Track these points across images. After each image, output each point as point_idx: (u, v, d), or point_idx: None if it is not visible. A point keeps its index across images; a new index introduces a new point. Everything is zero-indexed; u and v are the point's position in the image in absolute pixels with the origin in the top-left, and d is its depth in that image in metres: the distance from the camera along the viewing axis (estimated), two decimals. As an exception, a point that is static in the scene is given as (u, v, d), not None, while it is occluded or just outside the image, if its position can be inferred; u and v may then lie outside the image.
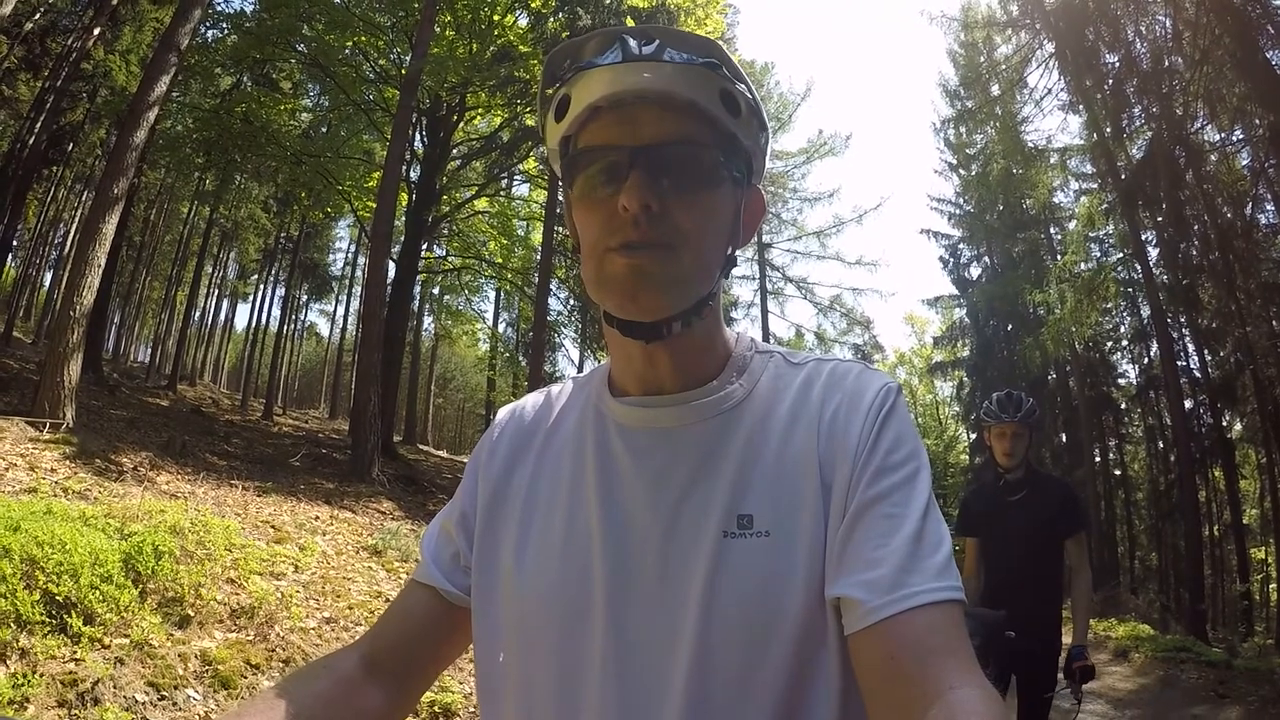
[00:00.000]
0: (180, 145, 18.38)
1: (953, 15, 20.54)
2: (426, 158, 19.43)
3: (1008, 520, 3.79)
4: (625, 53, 0.80)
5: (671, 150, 0.80)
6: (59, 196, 28.50)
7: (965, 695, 0.65)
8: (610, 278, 0.81)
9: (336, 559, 6.94)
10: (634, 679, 0.79)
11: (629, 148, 0.80)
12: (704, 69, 0.80)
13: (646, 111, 0.80)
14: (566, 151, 0.87)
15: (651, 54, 0.79)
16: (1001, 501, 3.86)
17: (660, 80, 0.79)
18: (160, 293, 36.06)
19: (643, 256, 0.79)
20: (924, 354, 41.29)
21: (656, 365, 0.88)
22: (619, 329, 0.84)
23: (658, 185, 0.79)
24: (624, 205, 0.78)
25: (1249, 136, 12.59)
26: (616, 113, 0.81)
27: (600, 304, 0.85)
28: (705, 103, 0.81)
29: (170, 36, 11.13)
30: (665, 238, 0.80)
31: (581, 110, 0.81)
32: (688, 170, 0.81)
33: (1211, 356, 18.05)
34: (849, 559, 0.76)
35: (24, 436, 7.87)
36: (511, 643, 0.87)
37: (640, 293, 0.80)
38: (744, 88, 0.85)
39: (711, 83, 0.81)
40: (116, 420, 12.22)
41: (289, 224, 31.26)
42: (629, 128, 0.81)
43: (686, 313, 0.83)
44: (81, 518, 4.87)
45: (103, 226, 9.87)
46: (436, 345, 38.98)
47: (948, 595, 0.72)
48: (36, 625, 3.57)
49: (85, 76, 21.21)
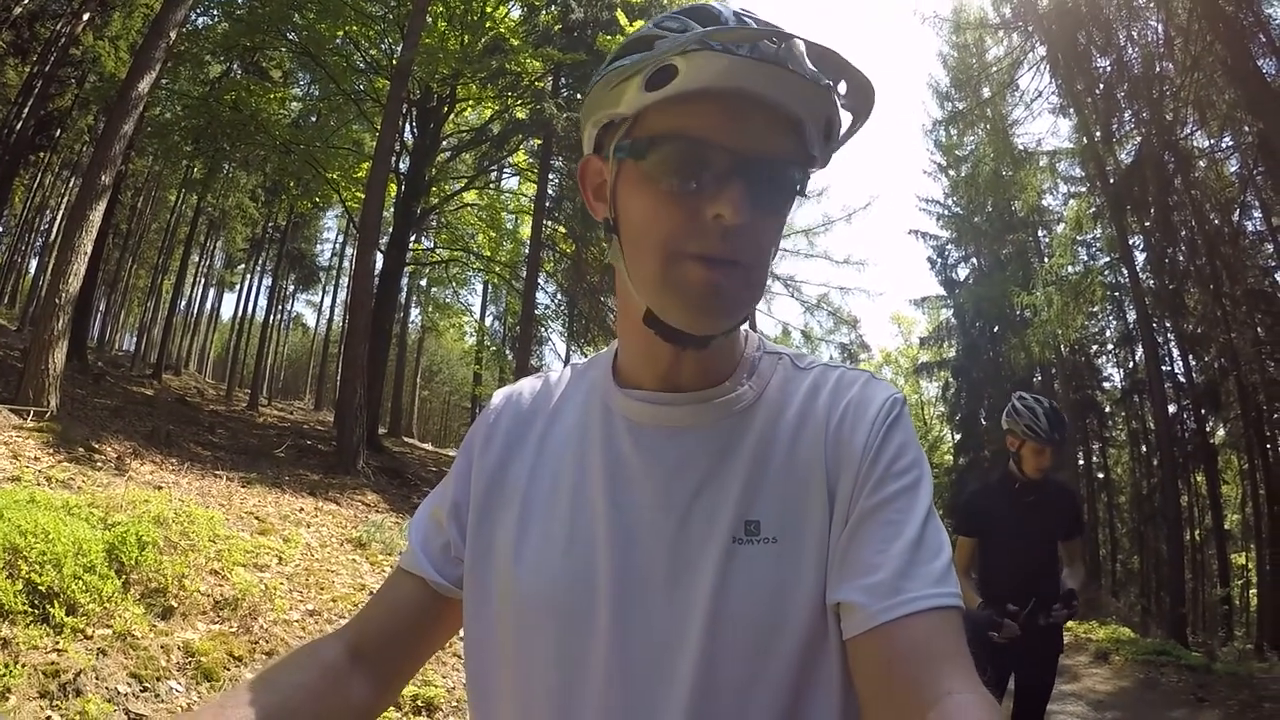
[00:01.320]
0: (169, 133, 18.21)
1: (945, 16, 20.63)
2: (416, 149, 19.31)
3: (1019, 523, 3.78)
4: (755, 49, 0.74)
5: (772, 168, 0.77)
6: (46, 183, 28.33)
7: (962, 700, 0.65)
8: (683, 287, 0.77)
9: (321, 551, 6.91)
10: (637, 683, 0.78)
11: (733, 151, 0.75)
12: (824, 92, 0.77)
13: (757, 117, 0.76)
14: (639, 122, 0.81)
15: (780, 56, 0.74)
16: (1015, 504, 3.84)
17: (779, 89, 0.75)
18: (146, 281, 35.80)
19: (722, 275, 0.76)
20: (910, 354, 41.41)
21: (682, 365, 0.86)
22: (661, 333, 0.81)
23: (752, 201, 0.76)
24: (720, 214, 0.74)
25: (1238, 143, 12.71)
26: (721, 105, 0.76)
27: (655, 307, 0.81)
28: (810, 125, 0.79)
29: (160, 23, 11.04)
30: (746, 256, 0.77)
31: (688, 90, 0.75)
32: (777, 190, 0.79)
33: (1196, 362, 18.18)
34: (850, 564, 0.76)
35: (7, 424, 7.80)
36: (507, 640, 0.86)
37: (712, 312, 0.78)
38: (847, 116, 0.82)
39: (824, 107, 0.78)
40: (101, 409, 12.13)
41: (277, 214, 31.05)
42: (734, 127, 0.76)
43: (733, 327, 0.83)
44: (65, 507, 4.84)
45: (89, 213, 9.79)
46: (423, 338, 38.92)
47: (947, 601, 0.72)
48: (19, 615, 3.54)
49: (74, 62, 21.05)
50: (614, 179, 0.84)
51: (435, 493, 1.01)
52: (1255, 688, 8.01)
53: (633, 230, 0.81)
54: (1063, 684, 8.93)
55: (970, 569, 3.90)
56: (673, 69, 0.74)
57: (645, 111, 0.79)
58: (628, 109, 0.80)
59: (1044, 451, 3.75)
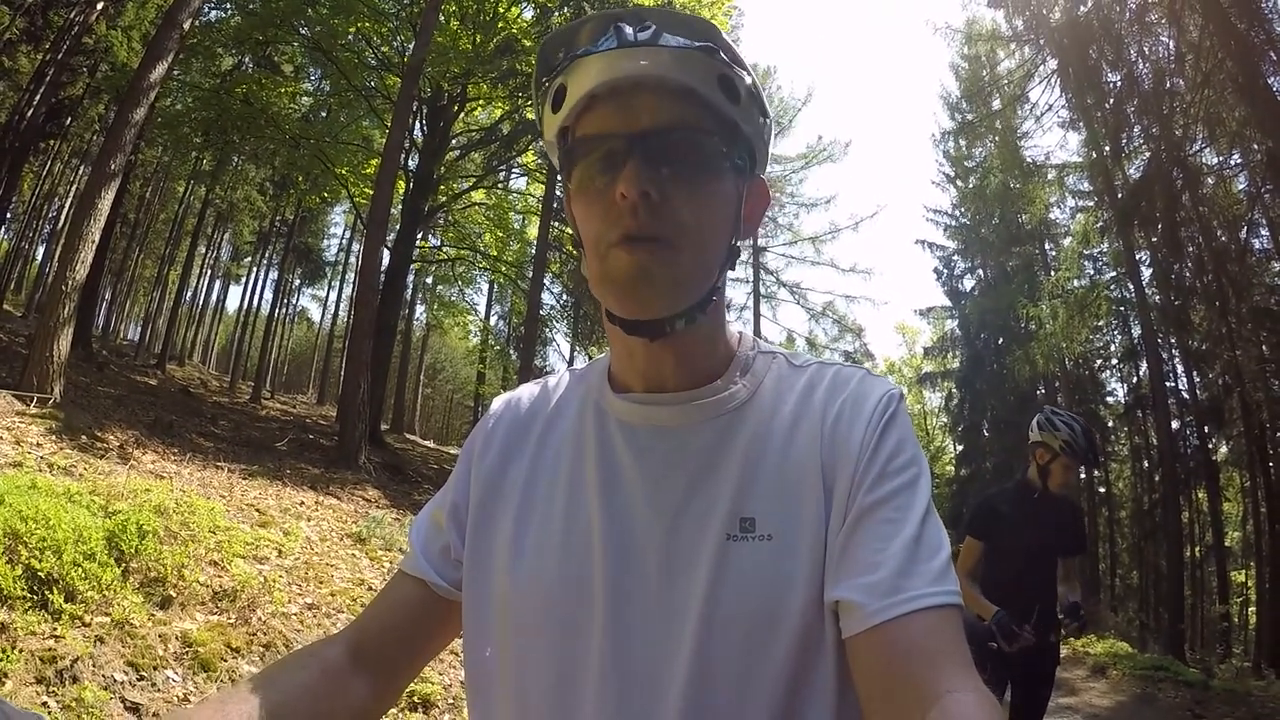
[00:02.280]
0: (179, 124, 18.26)
1: (957, 27, 20.55)
2: (425, 147, 19.33)
3: (1029, 533, 3.78)
4: (620, 38, 0.78)
5: (670, 137, 0.78)
6: (55, 170, 28.40)
7: (962, 699, 0.65)
8: (612, 275, 0.79)
9: (320, 545, 6.92)
10: (633, 680, 0.79)
11: (626, 134, 0.78)
12: (700, 54, 0.78)
13: (644, 98, 0.78)
14: (565, 143, 0.85)
15: (647, 39, 0.78)
16: (1027, 512, 3.85)
17: (657, 66, 0.77)
18: (153, 271, 35.88)
19: (643, 253, 0.77)
20: (914, 364, 41.43)
21: (660, 363, 0.87)
22: (621, 327, 0.83)
23: (657, 173, 0.77)
24: (622, 193, 0.76)
25: (1247, 161, 12.68)
26: (614, 100, 0.79)
27: (601, 300, 0.83)
28: (703, 89, 0.79)
29: (174, 15, 11.07)
30: (666, 231, 0.78)
31: (578, 100, 0.80)
32: (688, 158, 0.79)
33: (1200, 378, 18.14)
34: (848, 563, 0.76)
35: (10, 410, 7.82)
36: (505, 640, 0.86)
37: (641, 291, 0.79)
38: (743, 72, 0.83)
39: (710, 68, 0.79)
40: (104, 397, 12.16)
41: (285, 207, 31.10)
42: (627, 115, 0.79)
43: (690, 310, 0.82)
44: (66, 494, 4.85)
45: (98, 202, 9.82)
46: (428, 335, 39.04)
47: (946, 600, 0.72)
48: (17, 600, 3.55)
49: (86, 51, 21.07)
50: (568, 200, 0.87)
51: (436, 497, 1.01)
52: (1252, 705, 8.01)
53: (583, 238, 0.84)
54: (1060, 697, 8.91)
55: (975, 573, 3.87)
56: (563, 87, 0.82)
57: (563, 133, 0.86)
58: (550, 134, 0.87)
59: (1072, 468, 3.82)
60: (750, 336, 0.95)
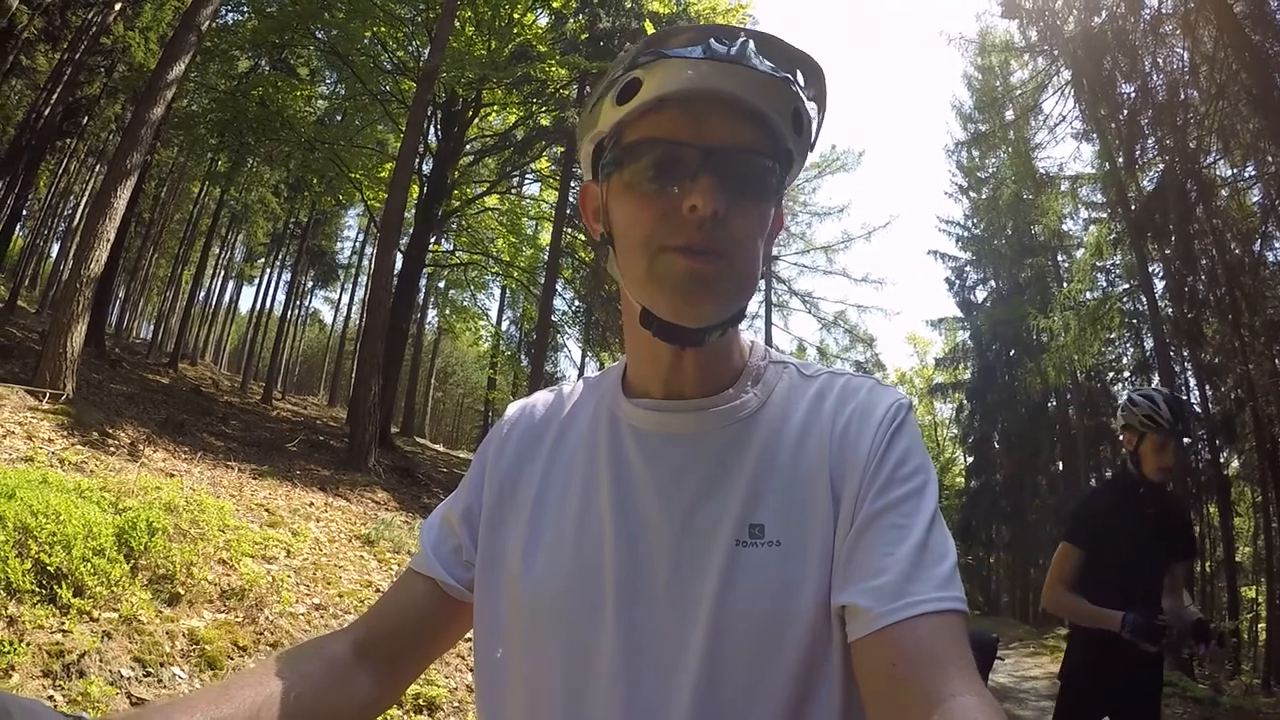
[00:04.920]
0: (195, 124, 18.40)
1: (970, 38, 20.52)
2: (440, 152, 19.39)
3: (1140, 538, 3.29)
4: (707, 50, 0.78)
5: (740, 157, 0.80)
6: (71, 169, 28.59)
7: (966, 703, 0.65)
8: (666, 278, 0.80)
9: (329, 546, 6.94)
10: (643, 683, 0.80)
11: (700, 146, 0.79)
12: (782, 83, 0.80)
13: (715, 112, 0.79)
14: (618, 138, 0.85)
15: (735, 54, 0.78)
16: (1130, 511, 3.34)
17: (736, 84, 0.78)
18: (166, 270, 36.11)
19: (704, 262, 0.79)
20: (925, 374, 41.33)
21: (683, 369, 0.88)
22: (658, 331, 0.84)
23: (725, 191, 0.78)
24: (694, 205, 0.77)
25: (1261, 173, 12.62)
26: (684, 107, 0.80)
27: (646, 303, 0.84)
28: (774, 116, 0.81)
29: (191, 17, 11.16)
30: (725, 245, 0.79)
31: (650, 99, 0.80)
32: (749, 179, 0.81)
33: (1212, 392, 18.02)
34: (855, 567, 0.76)
35: (23, 405, 7.87)
36: (516, 642, 0.87)
37: (698, 299, 0.80)
38: (813, 107, 0.85)
39: (786, 99, 0.81)
40: (116, 395, 12.23)
41: (299, 210, 31.26)
42: (697, 126, 0.79)
43: (727, 322, 0.84)
44: (77, 489, 4.89)
45: (114, 200, 9.89)
46: (439, 339, 39.05)
47: (951, 605, 0.73)
48: (26, 594, 3.58)
49: (104, 51, 21.24)
50: (604, 195, 0.87)
51: (448, 499, 1.03)
52: (1261, 723, 7.94)
53: (622, 235, 0.85)
54: (1065, 711, 8.85)
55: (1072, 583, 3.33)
56: (636, 81, 0.81)
57: (621, 126, 0.84)
58: (605, 125, 0.85)
59: (1166, 446, 3.34)
60: (762, 346, 0.96)
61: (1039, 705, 9.14)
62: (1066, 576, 3.32)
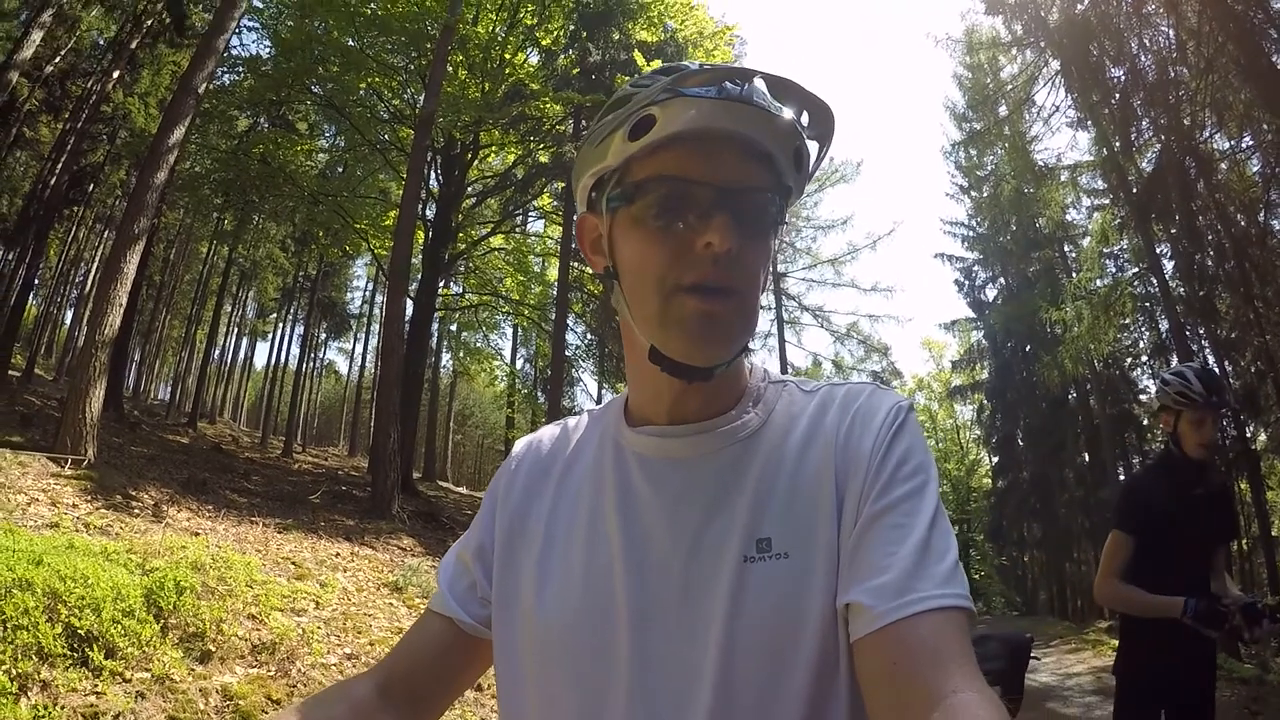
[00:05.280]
0: (199, 186, 18.61)
1: (957, 37, 20.57)
2: (442, 196, 19.53)
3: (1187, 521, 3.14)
4: (722, 90, 0.80)
5: (751, 197, 0.82)
6: (80, 236, 28.89)
7: (967, 699, 0.66)
8: (680, 321, 0.82)
9: (358, 595, 6.94)
10: (658, 705, 0.80)
11: (715, 186, 0.81)
12: (789, 124, 0.82)
13: (731, 153, 0.82)
14: (625, 173, 0.87)
15: (745, 95, 0.80)
16: (1183, 496, 3.18)
17: (748, 125, 0.80)
18: (180, 331, 36.42)
19: (716, 304, 0.81)
20: (942, 378, 41.12)
21: (688, 399, 0.90)
22: (667, 369, 0.85)
23: (736, 229, 0.80)
24: (710, 243, 0.79)
25: (1258, 142, 12.55)
26: (698, 146, 0.81)
27: (657, 343, 0.85)
28: (780, 156, 0.83)
29: (188, 80, 11.31)
30: (738, 283, 0.82)
31: (664, 136, 0.81)
32: (758, 218, 0.83)
33: (1232, 367, 17.82)
34: (857, 566, 0.77)
35: (46, 472, 7.93)
36: (534, 674, 0.88)
37: (712, 339, 0.82)
38: (814, 145, 0.88)
39: (791, 139, 0.84)
40: (138, 457, 12.31)
41: (307, 263, 31.53)
42: (711, 165, 0.81)
43: (735, 357, 0.86)
44: (103, 552, 4.92)
45: (124, 265, 10.00)
46: (455, 382, 39.12)
47: (953, 602, 0.73)
48: (58, 658, 3.60)
49: (105, 118, 21.53)
50: (609, 229, 0.89)
51: (463, 538, 1.04)
52: (1310, 700, 7.79)
53: (630, 272, 0.86)
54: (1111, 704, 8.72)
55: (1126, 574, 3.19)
56: (650, 118, 0.81)
57: (630, 161, 0.85)
58: (615, 160, 0.86)
59: (1204, 421, 3.19)
60: (760, 368, 0.98)
61: (1083, 701, 9.00)
62: (1119, 567, 3.19)
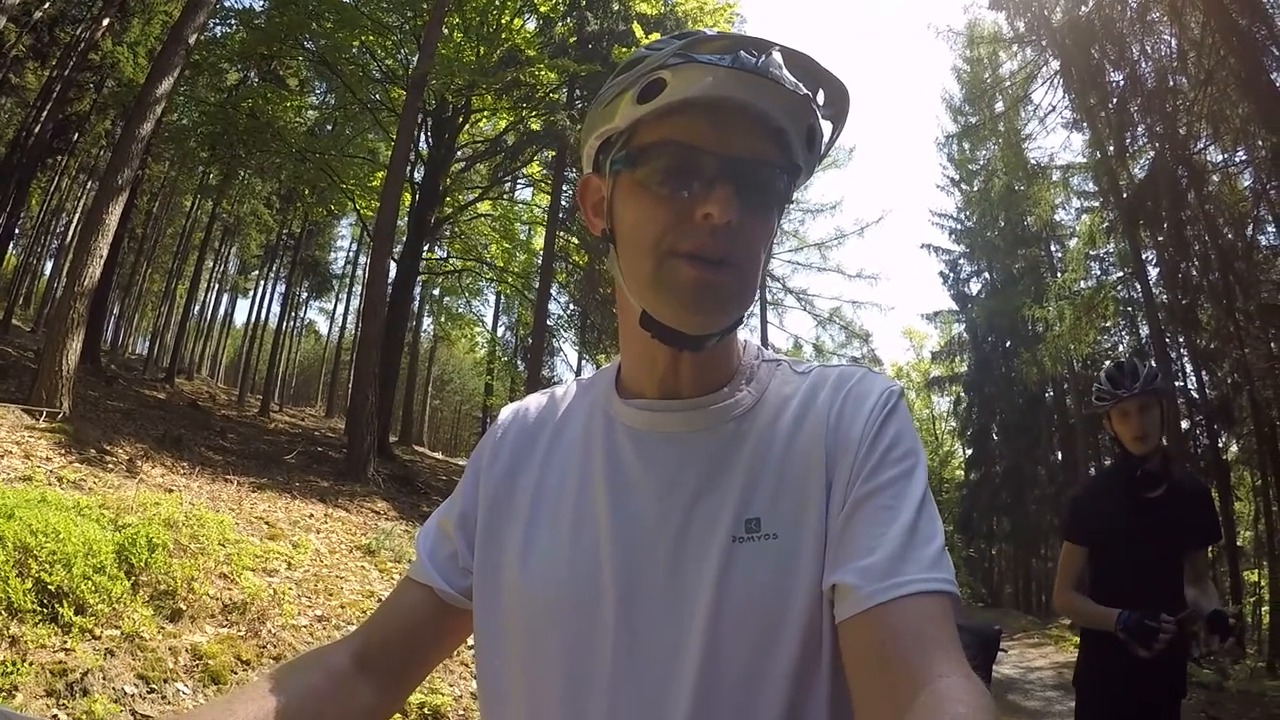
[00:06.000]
0: (185, 138, 18.39)
1: (958, 30, 20.58)
2: (431, 159, 19.37)
3: (1142, 526, 3.00)
4: (737, 59, 0.78)
5: (756, 169, 0.81)
6: (62, 186, 28.55)
7: (953, 684, 0.66)
8: (673, 285, 0.81)
9: (330, 557, 6.93)
10: (644, 681, 0.80)
11: (721, 156, 0.79)
12: (804, 100, 0.81)
13: (738, 122, 0.80)
14: (632, 135, 0.85)
15: (762, 67, 0.78)
16: (1136, 499, 3.04)
17: (761, 97, 0.78)
18: (160, 285, 36.07)
19: (713, 273, 0.79)
20: (922, 368, 41.41)
21: (679, 370, 0.89)
22: (657, 334, 0.84)
23: (739, 201, 0.79)
24: (709, 214, 0.78)
25: (1252, 158, 12.64)
26: (709, 115, 0.80)
27: (649, 307, 0.84)
28: (792, 134, 0.82)
29: (179, 31, 11.13)
30: (736, 256, 0.80)
31: (675, 101, 0.79)
32: (763, 193, 0.82)
33: (1209, 377, 18.06)
34: (844, 548, 0.77)
35: (20, 424, 7.85)
36: (516, 645, 0.87)
37: (704, 309, 0.81)
38: (828, 125, 0.86)
39: (805, 116, 0.82)
40: (113, 411, 12.20)
41: (291, 221, 31.22)
42: (720, 135, 0.80)
43: (727, 330, 0.85)
44: (76, 507, 4.88)
45: (106, 217, 9.87)
46: (435, 347, 38.98)
47: (940, 586, 0.73)
48: (27, 614, 3.57)
49: (93, 67, 21.19)
50: (610, 191, 0.87)
51: (443, 506, 1.02)
52: (1267, 706, 7.96)
53: (627, 235, 0.85)
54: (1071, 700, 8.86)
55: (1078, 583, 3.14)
56: (661, 82, 0.80)
57: (638, 124, 0.84)
58: (622, 122, 0.84)
59: (1128, 413, 3.06)
60: (755, 345, 0.97)
61: (1044, 696, 9.16)
62: (1073, 577, 3.14)
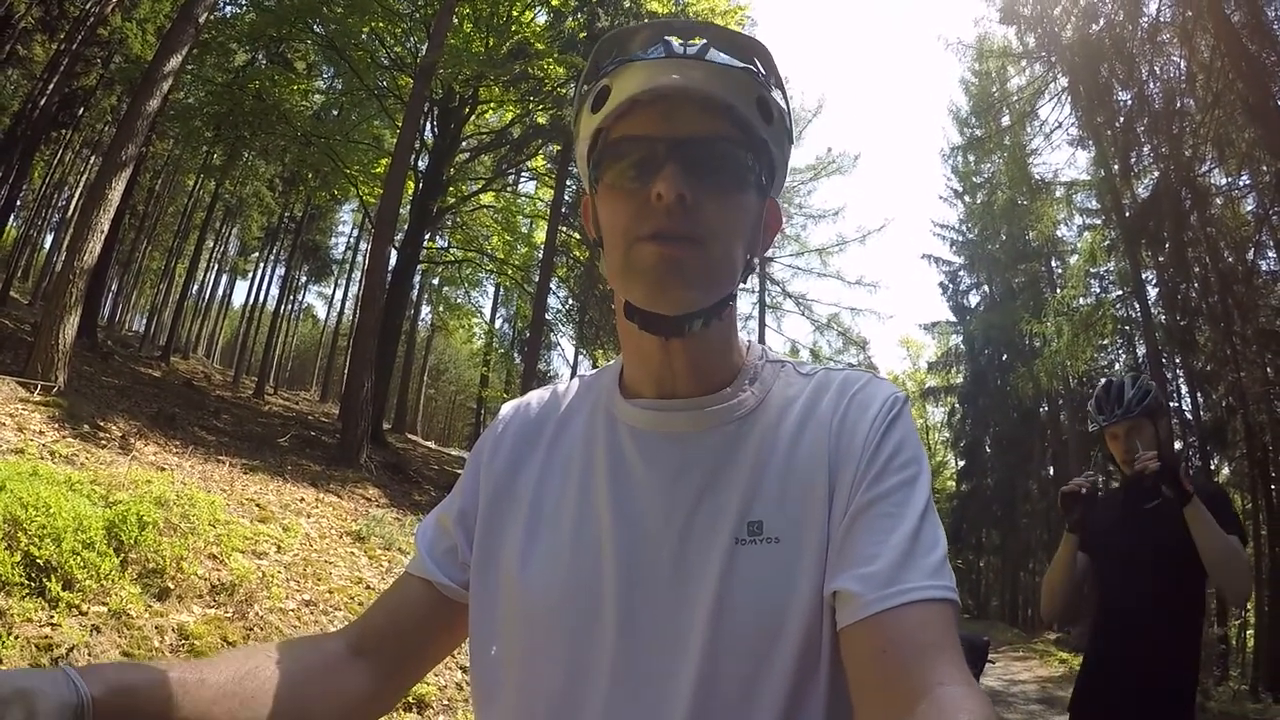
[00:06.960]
0: (191, 117, 18.31)
1: (968, 43, 20.61)
2: (435, 148, 19.35)
3: (1139, 534, 2.90)
4: (669, 50, 0.81)
5: (708, 146, 0.81)
6: (66, 160, 28.43)
7: (954, 692, 0.66)
8: (639, 267, 0.81)
9: (319, 542, 6.92)
10: (642, 682, 0.80)
11: (667, 139, 0.80)
12: (743, 74, 0.82)
13: (686, 108, 0.81)
14: (598, 144, 0.87)
15: (695, 53, 0.81)
16: (1131, 511, 2.96)
17: (701, 80, 0.80)
18: (160, 263, 36.01)
19: (673, 247, 0.80)
20: (918, 378, 41.35)
21: (673, 365, 0.88)
22: (640, 322, 0.84)
23: (692, 179, 0.79)
24: (659, 193, 0.78)
25: (1256, 182, 12.69)
26: (655, 107, 0.81)
27: (625, 294, 0.85)
28: (742, 106, 0.82)
29: (189, 9, 11.12)
30: (695, 231, 0.80)
31: (620, 103, 0.82)
32: (721, 168, 0.82)
33: (1204, 399, 18.08)
34: (847, 554, 0.77)
35: (14, 396, 7.84)
36: (514, 643, 0.87)
37: (669, 281, 0.80)
38: (779, 95, 0.86)
39: (750, 88, 0.83)
40: (108, 387, 12.18)
41: (293, 204, 31.21)
42: (668, 122, 0.81)
43: (708, 311, 0.84)
44: (67, 482, 4.87)
45: (108, 192, 9.85)
46: (432, 336, 39.01)
47: (941, 594, 0.73)
48: (15, 587, 3.56)
49: (101, 42, 21.13)
50: (594, 200, 0.89)
51: (444, 502, 1.02)
52: (1249, 729, 7.96)
53: (606, 233, 0.86)
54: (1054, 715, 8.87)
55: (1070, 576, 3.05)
56: (607, 89, 0.84)
57: (599, 134, 0.87)
58: (586, 134, 0.88)
59: (1117, 436, 3.01)
60: (759, 346, 0.97)
61: (1027, 709, 9.18)
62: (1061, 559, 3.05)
